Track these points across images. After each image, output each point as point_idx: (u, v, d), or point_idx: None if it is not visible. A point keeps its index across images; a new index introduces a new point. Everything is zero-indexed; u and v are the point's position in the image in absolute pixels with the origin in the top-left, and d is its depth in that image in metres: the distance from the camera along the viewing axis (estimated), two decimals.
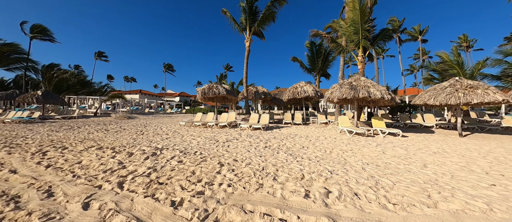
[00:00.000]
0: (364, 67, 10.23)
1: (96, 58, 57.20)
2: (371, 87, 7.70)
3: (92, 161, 3.86)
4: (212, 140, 6.21)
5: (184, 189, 2.62)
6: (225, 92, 10.44)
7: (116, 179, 2.99)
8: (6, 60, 23.38)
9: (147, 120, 15.20)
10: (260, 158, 4.06)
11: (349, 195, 2.36)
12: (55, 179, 2.99)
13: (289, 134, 8.01)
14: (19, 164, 3.74)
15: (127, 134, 7.58)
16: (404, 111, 14.56)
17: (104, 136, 6.90)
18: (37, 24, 28.85)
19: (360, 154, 4.52)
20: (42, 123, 11.35)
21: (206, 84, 10.84)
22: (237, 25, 13.04)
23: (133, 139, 6.39)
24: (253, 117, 10.38)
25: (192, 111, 35.80)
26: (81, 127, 9.55)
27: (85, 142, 5.67)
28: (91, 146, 5.14)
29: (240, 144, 5.66)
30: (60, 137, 6.57)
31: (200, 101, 11.03)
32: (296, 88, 12.41)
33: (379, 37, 10.41)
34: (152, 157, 4.13)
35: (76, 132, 7.99)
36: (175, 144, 5.50)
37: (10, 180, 3.01)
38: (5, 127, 9.29)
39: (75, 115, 15.74)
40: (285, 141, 6.27)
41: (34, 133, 7.45)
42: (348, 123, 8.71)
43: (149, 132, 8.07)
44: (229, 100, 12.40)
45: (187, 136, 7.02)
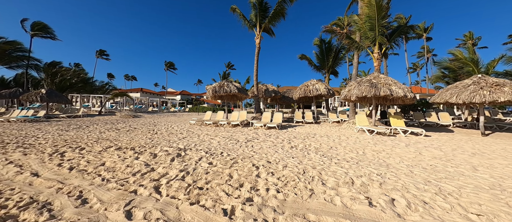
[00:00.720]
0: (380, 64, 9.98)
1: (97, 57, 56.85)
2: (393, 85, 7.46)
3: (116, 162, 3.65)
4: (231, 140, 5.99)
5: (230, 195, 2.40)
6: (236, 91, 10.21)
7: (149, 183, 2.77)
8: (8, 58, 23.14)
9: (153, 118, 14.99)
10: (293, 160, 3.84)
11: (418, 203, 2.14)
12: (84, 183, 2.78)
13: (307, 133, 7.78)
14: (39, 165, 3.53)
15: (140, 133, 7.36)
16: (416, 109, 14.32)
17: (118, 136, 6.69)
18: (38, 21, 28.53)
19: (396, 155, 4.29)
20: (48, 122, 11.15)
21: (217, 82, 10.60)
22: (247, 22, 12.76)
23: (149, 138, 6.17)
24: (266, 116, 10.15)
25: (195, 109, 35.61)
26: (90, 126, 9.34)
27: (101, 142, 5.46)
28: (109, 146, 4.93)
29: (263, 144, 5.44)
30: (73, 137, 6.36)
31: (209, 99, 10.79)
32: (308, 86, 12.16)
33: (395, 34, 10.13)
34: (178, 158, 3.92)
35: (86, 131, 7.78)
36: (196, 144, 5.28)
37: (35, 184, 2.80)
38: (12, 126, 9.09)
39: (80, 113, 15.54)
40: (308, 140, 6.05)
41: (43, 132, 7.24)
42: (366, 122, 8.48)
43: (162, 131, 7.85)
44: (238, 99, 12.16)
45: (203, 135, 6.80)
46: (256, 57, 12.42)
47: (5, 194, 2.51)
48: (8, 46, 22.73)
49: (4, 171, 3.30)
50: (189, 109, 34.33)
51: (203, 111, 34.03)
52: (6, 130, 7.89)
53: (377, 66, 9.96)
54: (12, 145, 5.14)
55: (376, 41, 9.78)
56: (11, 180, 2.93)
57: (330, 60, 15.36)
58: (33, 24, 27.89)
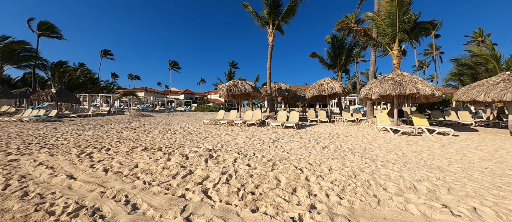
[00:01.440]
0: (400, 62, 9.69)
1: (102, 56, 57.32)
2: (419, 82, 7.20)
3: (149, 164, 3.51)
4: (256, 140, 5.82)
5: (289, 202, 2.23)
6: (251, 89, 10.03)
7: (195, 186, 2.62)
8: (16, 58, 23.34)
9: (163, 118, 14.91)
10: (334, 161, 3.65)
11: (509, 213, 1.94)
12: (126, 187, 2.64)
13: (328, 132, 7.57)
14: (70, 167, 3.41)
15: (159, 132, 7.25)
16: (433, 107, 13.96)
17: (137, 135, 6.58)
18: (45, 21, 28.68)
19: (438, 157, 4.07)
20: (60, 122, 11.14)
21: (231, 81, 10.44)
22: (259, 19, 12.55)
23: (170, 138, 6.04)
24: (281, 115, 9.96)
25: (200, 109, 35.57)
26: (104, 126, 9.27)
27: (123, 142, 5.34)
28: (134, 147, 4.80)
29: (291, 144, 5.26)
30: (93, 137, 6.26)
31: (222, 98, 10.64)
32: (322, 85, 11.93)
33: (416, 30, 9.82)
34: (212, 160, 3.76)
35: (102, 130, 7.70)
36: (222, 144, 5.13)
37: (74, 187, 2.67)
38: (26, 126, 9.08)
39: (90, 112, 15.56)
40: (335, 140, 5.85)
41: (61, 132, 7.17)
42: (388, 121, 8.23)
43: (179, 131, 7.73)
44: (251, 98, 11.99)
45: (224, 135, 6.65)
46: (269, 55, 12.21)
47: (48, 198, 2.38)
48: (17, 45, 22.91)
49: (36, 173, 3.19)
50: (194, 109, 34.32)
51: (209, 110, 33.98)
52: (22, 129, 7.86)
53: (396, 63, 9.67)
54: (34, 145, 5.05)
55: (396, 38, 9.49)
56: (48, 183, 2.80)
57: (342, 58, 15.08)
58: (40, 24, 28.05)
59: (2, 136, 6.37)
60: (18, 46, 23.15)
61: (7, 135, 6.56)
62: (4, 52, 22.23)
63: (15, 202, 2.28)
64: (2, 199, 2.35)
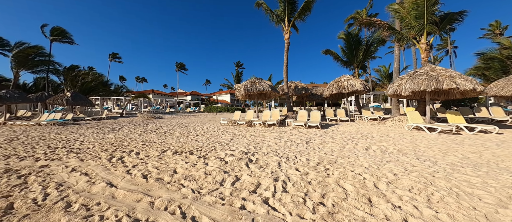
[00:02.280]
0: (428, 56, 9.15)
1: (110, 60, 58.49)
2: (457, 77, 6.69)
3: (188, 169, 3.26)
4: (287, 141, 5.51)
5: (373, 215, 1.91)
6: (269, 89, 9.73)
7: (251, 196, 2.33)
8: (32, 63, 23.96)
9: (176, 119, 14.81)
10: (393, 165, 3.29)
11: None
12: (174, 196, 2.38)
13: (357, 132, 7.16)
14: (106, 173, 3.20)
15: (180, 134, 7.05)
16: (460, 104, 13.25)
17: (160, 138, 6.40)
18: (57, 26, 29.40)
19: (507, 158, 3.64)
20: (77, 125, 11.18)
21: (248, 80, 10.18)
22: (275, 17, 12.24)
23: (195, 140, 5.81)
24: (301, 114, 9.61)
25: (209, 110, 35.55)
26: (122, 128, 9.19)
27: (151, 145, 5.15)
28: (163, 150, 4.59)
29: (328, 145, 4.92)
30: (116, 140, 6.12)
31: (240, 98, 10.40)
32: (341, 82, 11.49)
33: (445, 22, 9.26)
34: (253, 164, 3.48)
35: (122, 133, 7.58)
36: (254, 146, 4.84)
37: (118, 197, 2.44)
38: (46, 130, 9.10)
39: (104, 115, 15.67)
40: (373, 141, 5.46)
41: (82, 136, 7.09)
42: (421, 119, 7.74)
43: (200, 133, 7.50)
44: (268, 97, 11.70)
45: (249, 136, 6.37)
46: (286, 53, 11.88)
47: (94, 210, 2.15)
48: (31, 50, 23.53)
49: (72, 180, 2.99)
50: (203, 110, 34.34)
51: (217, 111, 33.93)
52: (43, 133, 7.85)
53: (425, 58, 9.14)
54: (61, 149, 4.93)
55: (424, 31, 8.96)
56: (88, 192, 2.59)
57: (359, 55, 14.55)
58: (52, 30, 28.77)
59: (25, 140, 6.32)
60: (33, 51, 23.76)
61: (30, 139, 6.51)
62: (19, 57, 22.87)
63: (61, 215, 2.06)
64: (46, 211, 2.14)
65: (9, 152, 4.69)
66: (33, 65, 24.15)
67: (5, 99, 13.08)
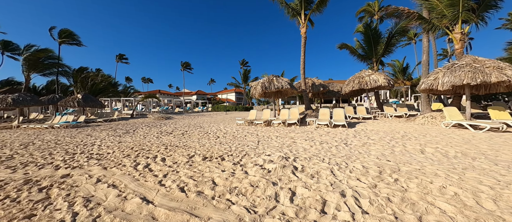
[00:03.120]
0: (463, 46, 8.42)
1: (117, 61, 59.18)
2: (507, 68, 6.01)
3: (228, 180, 2.85)
4: (322, 143, 5.03)
5: None
6: (288, 86, 9.25)
7: (324, 218, 1.89)
8: (42, 66, 24.29)
9: (188, 119, 14.52)
10: (474, 173, 2.78)
11: None
12: (228, 218, 1.97)
13: (391, 131, 6.59)
14: (135, 185, 2.83)
15: (200, 136, 6.68)
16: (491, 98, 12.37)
17: (179, 141, 6.04)
18: (65, 29, 29.67)
19: None
20: (90, 127, 11.04)
21: (265, 77, 9.72)
22: (290, 10, 11.68)
23: (219, 143, 5.42)
24: (323, 113, 9.08)
25: (216, 109, 35.33)
26: (136, 130, 8.93)
27: (175, 150, 4.78)
28: (190, 155, 4.21)
29: (372, 147, 4.43)
30: (135, 143, 5.80)
31: (257, 97, 9.96)
32: (363, 77, 10.86)
33: (482, 8, 8.47)
34: (300, 172, 3.03)
35: (138, 136, 7.29)
36: (290, 150, 4.40)
37: (160, 218, 2.04)
38: (60, 133, 8.94)
39: (115, 117, 15.58)
40: (418, 142, 4.92)
41: (98, 139, 6.83)
42: (460, 116, 7.09)
43: (220, 134, 7.11)
44: (286, 95, 11.22)
45: (276, 138, 5.92)
46: (303, 48, 11.33)
47: None
48: (41, 53, 23.83)
49: (100, 193, 2.63)
50: (211, 109, 34.15)
51: (225, 110, 33.66)
52: (58, 137, 7.66)
53: (459, 49, 8.41)
54: (79, 155, 4.63)
55: (459, 19, 8.24)
56: (122, 210, 2.21)
57: (378, 48, 13.82)
58: (60, 32, 29.06)
59: (41, 145, 6.10)
60: (43, 54, 24.05)
61: (46, 143, 6.29)
62: (30, 60, 23.19)
63: None
64: None
65: (26, 159, 4.43)
66: (44, 68, 24.47)
67: (18, 102, 13.11)
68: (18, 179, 3.27)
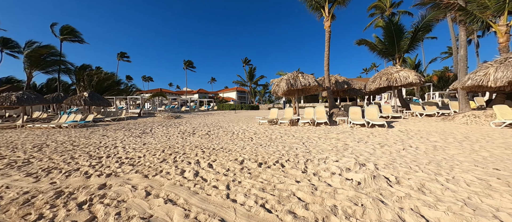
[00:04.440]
0: (509, 39, 7.84)
1: (119, 59, 58.66)
2: None
3: (314, 193, 2.30)
4: (383, 145, 4.47)
5: None
6: (315, 83, 8.68)
7: None
8: (44, 63, 23.73)
9: (199, 118, 13.94)
10: None
11: None
12: None
13: (441, 132, 6.03)
14: (198, 199, 2.29)
15: (232, 138, 6.14)
16: None
17: (211, 142, 5.50)
18: (66, 25, 29.17)
19: None
20: (100, 126, 10.51)
21: (289, 74, 9.16)
22: (314, 3, 11.08)
23: (262, 145, 4.86)
24: (355, 111, 8.52)
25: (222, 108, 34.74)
26: (153, 130, 8.38)
27: (216, 153, 4.23)
28: (239, 160, 3.66)
29: (446, 152, 3.87)
30: (163, 145, 5.25)
31: (280, 95, 9.40)
32: (391, 74, 10.29)
33: None
34: (401, 186, 2.48)
35: (161, 137, 6.74)
36: (352, 154, 3.85)
37: None
38: (71, 133, 8.41)
39: (123, 116, 15.05)
40: (490, 146, 4.37)
41: (118, 140, 6.30)
42: None
43: (249, 135, 6.56)
44: (308, 93, 10.65)
45: (319, 139, 5.36)
46: (327, 43, 10.75)
47: None
48: (43, 50, 23.28)
49: (159, 212, 2.09)
50: (217, 108, 33.60)
51: (231, 109, 33.11)
52: (71, 138, 7.12)
53: (505, 42, 7.83)
54: (107, 160, 4.09)
55: (505, 10, 7.65)
56: None
57: (401, 43, 13.23)
58: (62, 29, 28.53)
59: (57, 147, 5.56)
60: (45, 51, 23.51)
61: (61, 145, 5.75)
62: (32, 57, 22.65)
63: None
64: None
65: (46, 164, 3.89)
66: (46, 65, 23.93)
67: (23, 101, 12.58)
68: (46, 190, 2.73)
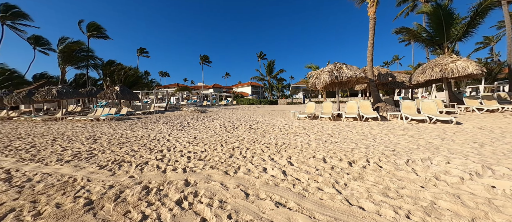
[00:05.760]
0: None
1: (139, 55, 60.95)
2: None
3: (467, 207, 1.86)
4: (477, 143, 3.86)
5: None
6: (362, 74, 8.01)
7: None
8: (76, 59, 25.11)
9: (228, 112, 13.80)
10: None
11: None
12: None
13: None
14: (310, 203, 1.97)
15: (281, 133, 5.81)
16: None
17: (263, 137, 5.21)
18: (93, 22, 30.43)
19: None
20: (134, 120, 10.75)
21: (331, 65, 8.57)
22: None
23: (326, 141, 4.46)
24: (408, 105, 7.76)
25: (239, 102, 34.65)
26: (190, 124, 8.33)
27: (285, 149, 3.91)
28: (311, 156, 3.30)
29: None
30: (219, 140, 5.05)
31: (319, 88, 8.85)
32: (446, 64, 9.23)
33: None
34: None
35: (204, 130, 6.61)
36: (460, 157, 3.32)
37: None
38: (112, 126, 8.62)
39: (152, 109, 15.42)
40: None
41: (166, 133, 6.26)
42: None
43: (300, 131, 6.18)
44: (347, 85, 9.98)
45: (388, 136, 4.83)
46: (371, 31, 9.91)
47: None
48: (75, 46, 24.58)
49: (279, 217, 1.79)
50: (235, 102, 33.62)
51: (249, 104, 32.94)
52: (116, 130, 7.24)
53: None
54: (170, 153, 3.95)
55: None
56: None
57: (451, 30, 11.89)
58: (89, 25, 29.83)
59: (111, 139, 5.59)
60: (76, 47, 24.77)
61: (112, 137, 5.80)
62: (65, 53, 24.01)
63: None
64: None
65: (112, 156, 3.83)
66: (78, 60, 25.29)
67: (62, 94, 13.30)
68: (129, 185, 2.58)
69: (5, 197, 2.36)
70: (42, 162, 3.63)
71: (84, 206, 2.11)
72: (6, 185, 2.68)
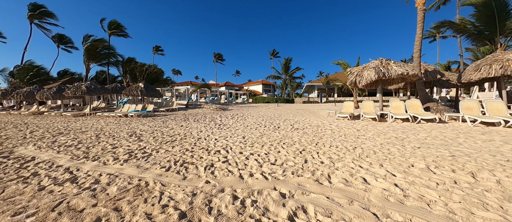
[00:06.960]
0: None
1: (154, 53, 62.36)
2: None
3: None
4: None
5: None
6: (413, 72, 7.27)
7: None
8: (99, 56, 25.91)
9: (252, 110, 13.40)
10: None
11: None
12: None
13: None
14: (432, 218, 1.46)
15: (334, 136, 5.31)
16: None
17: (316, 139, 4.73)
18: (113, 20, 31.24)
19: None
20: (161, 117, 10.65)
21: (376, 61, 7.89)
22: None
23: (397, 145, 3.92)
24: (469, 106, 6.95)
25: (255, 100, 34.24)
26: (223, 121, 8.03)
27: (359, 155, 3.43)
28: (398, 164, 2.79)
29: None
30: (274, 140, 4.66)
31: (361, 86, 8.20)
32: (508, 60, 8.22)
33: None
34: None
35: (243, 129, 6.25)
36: None
37: None
38: (147, 123, 8.52)
39: (175, 106, 15.42)
40: None
41: (208, 132, 5.96)
42: None
43: (353, 133, 5.64)
44: (390, 84, 9.24)
45: (475, 141, 4.18)
46: (420, 24, 9.03)
47: None
48: (98, 43, 25.34)
49: None
50: (252, 101, 33.29)
51: (265, 102, 32.47)
52: (152, 127, 7.07)
53: None
54: (229, 154, 3.59)
55: None
56: None
57: (506, 23, 10.70)
58: (110, 24, 30.65)
59: (155, 137, 5.37)
60: (100, 44, 25.50)
61: (154, 134, 5.58)
62: (89, 50, 24.81)
63: None
64: None
65: (169, 156, 3.54)
66: (101, 57, 26.09)
67: (90, 90, 13.59)
68: (213, 192, 2.22)
69: (81, 202, 2.08)
70: (99, 161, 3.40)
71: (180, 219, 1.77)
72: (75, 187, 2.43)
